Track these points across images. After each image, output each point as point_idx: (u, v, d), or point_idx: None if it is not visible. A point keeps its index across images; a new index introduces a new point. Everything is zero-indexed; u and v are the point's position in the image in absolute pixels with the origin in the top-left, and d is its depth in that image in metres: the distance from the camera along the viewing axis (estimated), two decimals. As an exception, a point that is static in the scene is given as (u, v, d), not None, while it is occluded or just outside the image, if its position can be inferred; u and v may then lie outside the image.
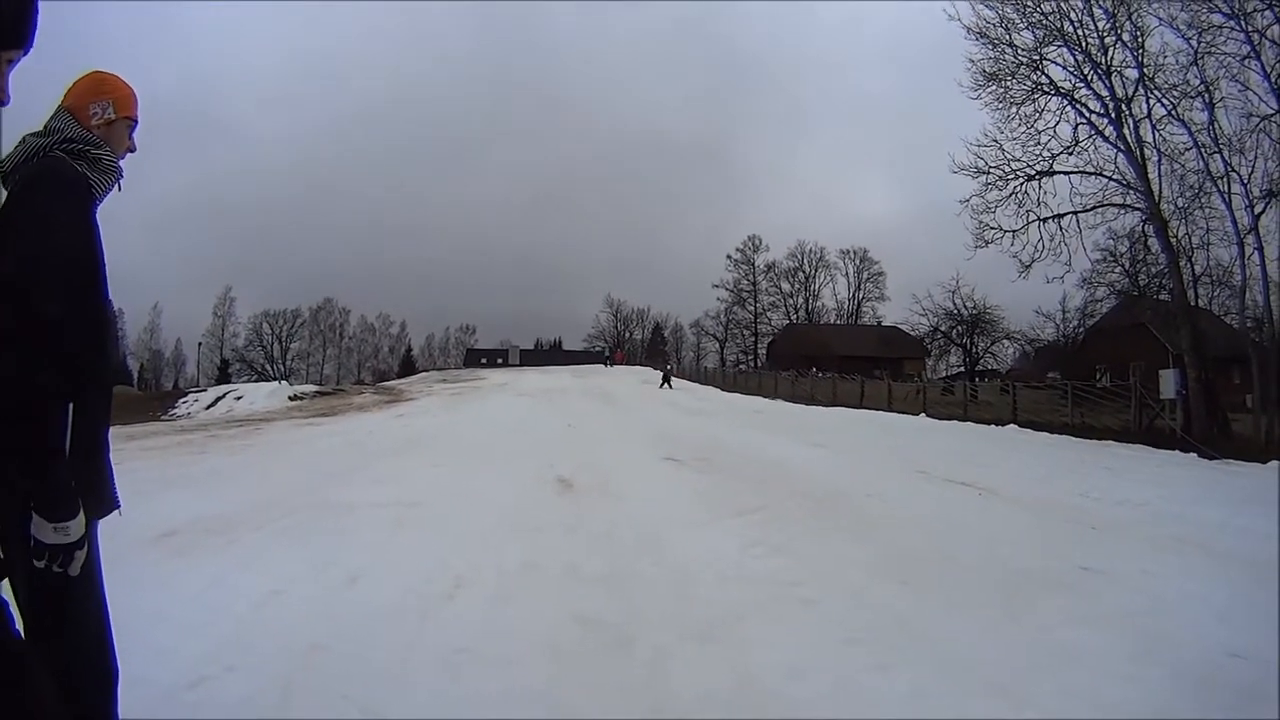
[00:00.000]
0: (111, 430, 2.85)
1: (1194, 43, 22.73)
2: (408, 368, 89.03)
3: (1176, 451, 19.23)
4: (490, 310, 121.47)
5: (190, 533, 8.15)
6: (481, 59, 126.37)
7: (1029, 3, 24.65)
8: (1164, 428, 22.02)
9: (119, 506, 2.83)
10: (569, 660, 4.88)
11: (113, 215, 2.80)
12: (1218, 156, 22.81)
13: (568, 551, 7.48)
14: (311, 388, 41.90)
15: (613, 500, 10.16)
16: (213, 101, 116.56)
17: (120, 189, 2.86)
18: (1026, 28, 24.88)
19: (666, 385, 35.79)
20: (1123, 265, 27.43)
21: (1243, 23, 21.73)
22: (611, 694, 4.44)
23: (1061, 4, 24.27)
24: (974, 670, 4.94)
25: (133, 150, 2.96)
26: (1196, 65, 22.84)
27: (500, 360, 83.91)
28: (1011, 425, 24.81)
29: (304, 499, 9.92)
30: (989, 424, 25.58)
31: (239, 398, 36.37)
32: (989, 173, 25.40)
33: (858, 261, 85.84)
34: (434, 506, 9.45)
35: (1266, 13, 21.40)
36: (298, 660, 4.76)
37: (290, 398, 36.56)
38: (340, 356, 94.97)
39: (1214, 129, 22.86)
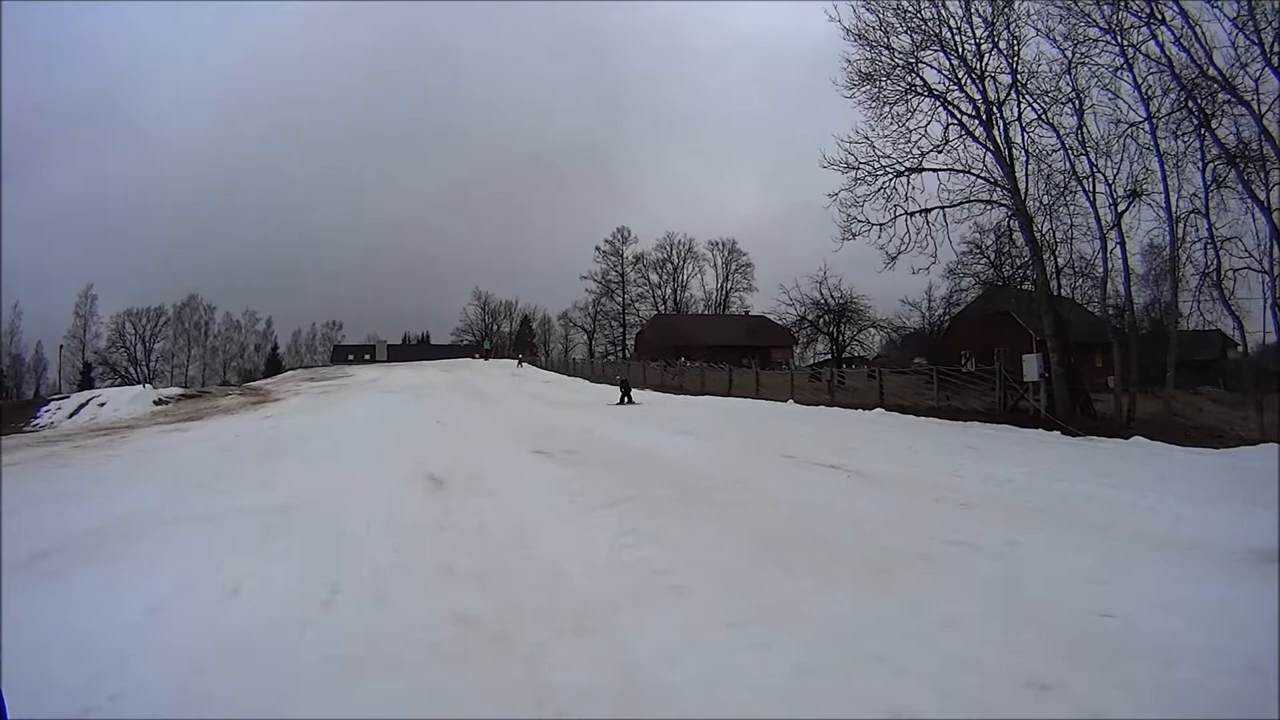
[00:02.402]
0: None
1: (1069, 53, 24.00)
2: (274, 366, 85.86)
3: (1041, 430, 20.30)
4: (358, 304, 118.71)
5: (62, 553, 7.78)
6: (362, 60, 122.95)
7: (910, 8, 25.39)
8: (1028, 409, 23.09)
9: None
10: (451, 660, 4.82)
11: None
12: (1084, 158, 24.25)
13: (441, 550, 7.39)
14: (176, 390, 40.17)
15: (483, 496, 10.04)
16: (107, 102, 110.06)
17: None
18: (905, 31, 25.62)
19: (627, 400, 29.65)
20: (988, 257, 28.78)
21: (1118, 37, 23.05)
22: (495, 691, 4.41)
23: (941, 10, 25.14)
24: (854, 644, 5.06)
25: None
26: (1070, 74, 24.15)
27: (368, 356, 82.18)
28: (879, 409, 25.57)
29: (176, 510, 9.52)
30: (857, 409, 26.28)
31: (102, 404, 34.77)
32: (859, 168, 26.00)
33: (726, 253, 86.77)
34: (307, 511, 9.22)
35: (1143, 29, 22.66)
36: (182, 680, 4.56)
37: (155, 402, 34.89)
38: (205, 356, 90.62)
39: (1082, 133, 24.26)
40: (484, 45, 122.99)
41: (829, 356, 56.82)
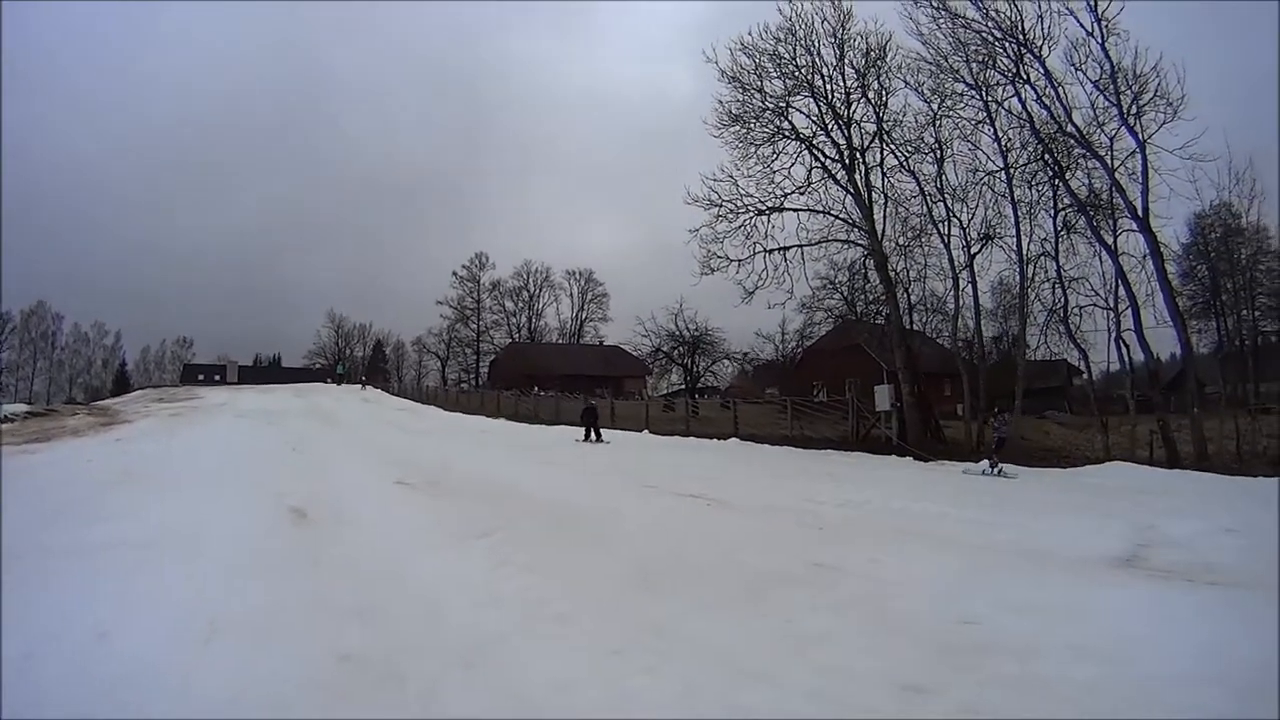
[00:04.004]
0: None
1: (934, 106, 25.98)
2: (122, 384, 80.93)
3: (894, 457, 21.21)
4: (210, 321, 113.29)
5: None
6: (225, 75, 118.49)
7: (786, 54, 26.62)
8: (880, 436, 24.13)
9: None
10: (342, 700, 4.68)
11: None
12: (941, 203, 26.12)
13: (315, 585, 7.06)
14: (23, 407, 36.98)
15: (351, 529, 9.69)
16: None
17: None
18: (779, 77, 26.88)
19: (594, 437, 25.05)
20: (842, 293, 29.63)
21: (982, 93, 25.11)
22: None
23: (816, 59, 26.50)
24: (734, 663, 5.21)
25: None
26: (934, 125, 26.12)
27: (218, 377, 78.24)
28: (734, 439, 26.10)
29: (34, 543, 8.83)
30: (713, 438, 26.69)
31: (-62, 421, 31.77)
32: (721, 205, 26.86)
33: (583, 282, 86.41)
34: (171, 545, 8.55)
35: (1007, 86, 24.73)
36: None
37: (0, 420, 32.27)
38: (51, 370, 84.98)
39: (941, 180, 26.21)
40: (352, 73, 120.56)
41: (682, 387, 57.31)
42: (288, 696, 4.70)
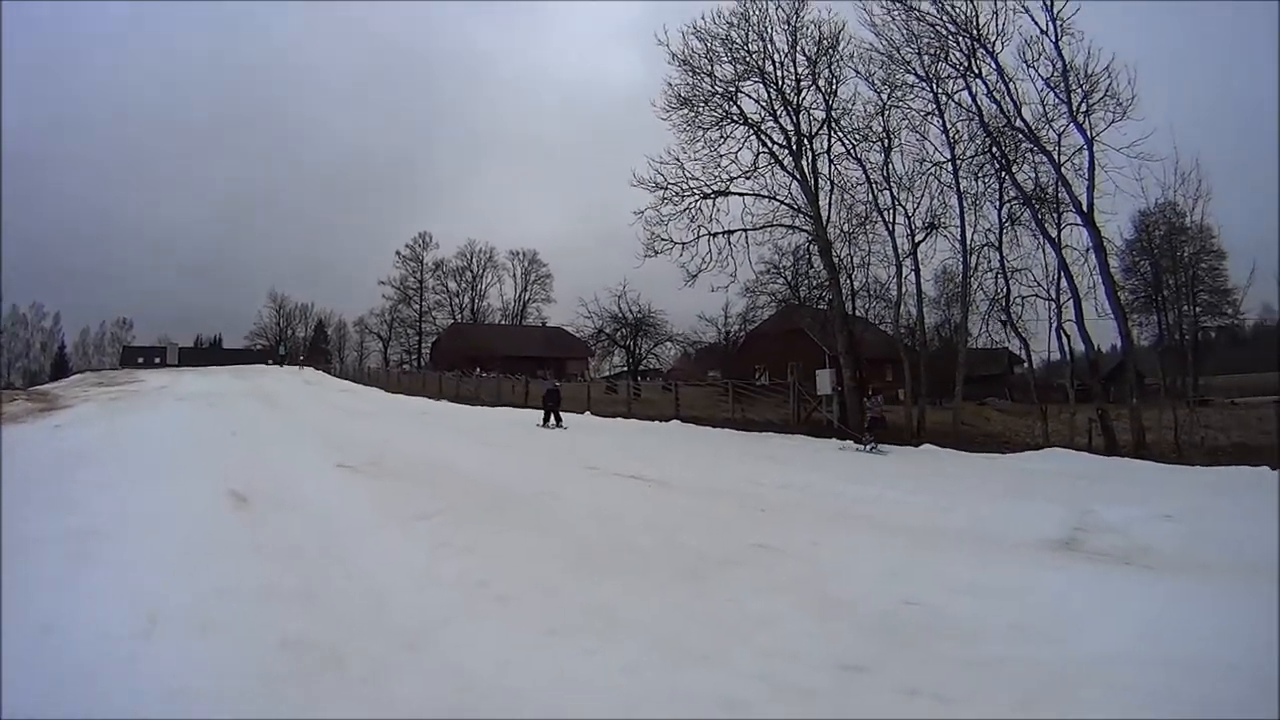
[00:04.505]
0: None
1: (884, 96, 25.91)
2: (60, 368, 78.92)
3: (834, 440, 21.41)
4: (149, 300, 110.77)
5: None
6: (169, 53, 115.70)
7: (738, 39, 26.44)
8: (821, 420, 24.44)
9: None
10: (286, 686, 4.57)
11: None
12: (887, 192, 26.13)
13: (257, 572, 6.87)
14: None
15: (292, 513, 9.47)
16: None
17: None
18: (730, 61, 26.66)
19: (554, 422, 23.49)
20: (785, 278, 29.84)
21: (933, 85, 25.15)
22: (337, 715, 4.25)
23: (768, 45, 26.33)
24: (676, 643, 5.21)
25: None
26: (882, 115, 26.03)
27: (158, 360, 76.44)
28: (675, 421, 26.25)
29: None
30: (654, 420, 26.83)
31: None
32: (667, 188, 26.65)
33: (526, 263, 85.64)
34: (109, 533, 8.22)
35: (958, 80, 24.82)
36: None
37: (-66, 409, 31.14)
38: None
39: (887, 168, 26.18)
40: (297, 57, 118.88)
41: (625, 369, 57.36)
42: (227, 683, 4.59)
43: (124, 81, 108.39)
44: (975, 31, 23.90)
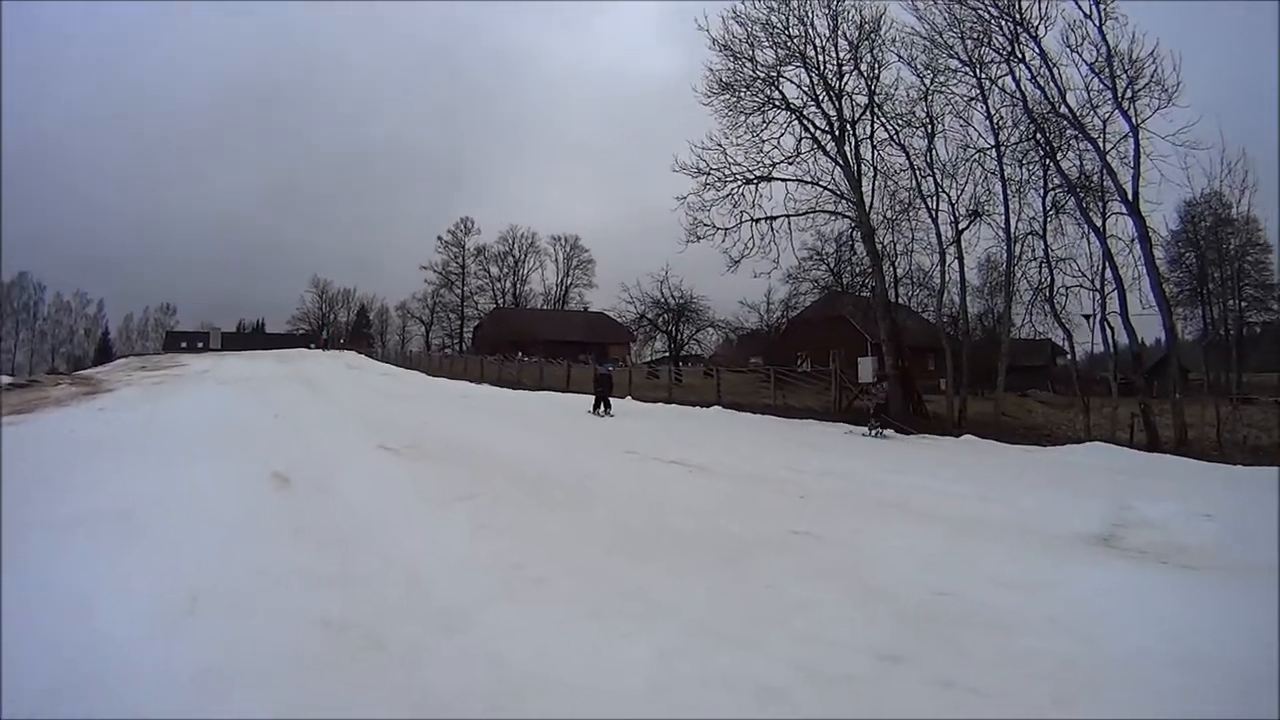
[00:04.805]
0: None
1: (927, 81, 25.74)
2: (104, 353, 79.70)
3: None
4: (193, 286, 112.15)
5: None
6: (215, 49, 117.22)
7: (779, 24, 26.33)
8: (863, 408, 24.07)
9: None
10: (324, 668, 4.66)
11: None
12: (930, 178, 25.98)
13: (297, 554, 7.01)
14: (6, 379, 36.80)
15: (333, 495, 9.64)
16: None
17: None
18: (771, 46, 26.58)
19: (603, 409, 22.71)
20: (828, 264, 29.81)
21: (976, 70, 24.91)
22: (371, 696, 4.33)
23: (809, 30, 26.22)
24: (712, 628, 5.28)
25: None
26: (925, 100, 25.85)
27: (201, 344, 77.48)
28: (716, 407, 26.23)
29: (15, 517, 8.63)
30: (695, 406, 26.88)
31: (-83, 394, 31.33)
32: (709, 174, 26.73)
33: (568, 248, 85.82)
34: (152, 514, 8.38)
35: (1001, 65, 24.60)
36: (43, 707, 4.21)
37: (-18, 392, 31.79)
38: (34, 341, 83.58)
39: (931, 155, 26.01)
40: (344, 56, 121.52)
41: (666, 354, 57.39)
42: (265, 662, 4.69)
43: (173, 78, 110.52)
44: (1018, 15, 23.66)
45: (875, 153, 26.35)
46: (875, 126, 26.26)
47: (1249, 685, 4.44)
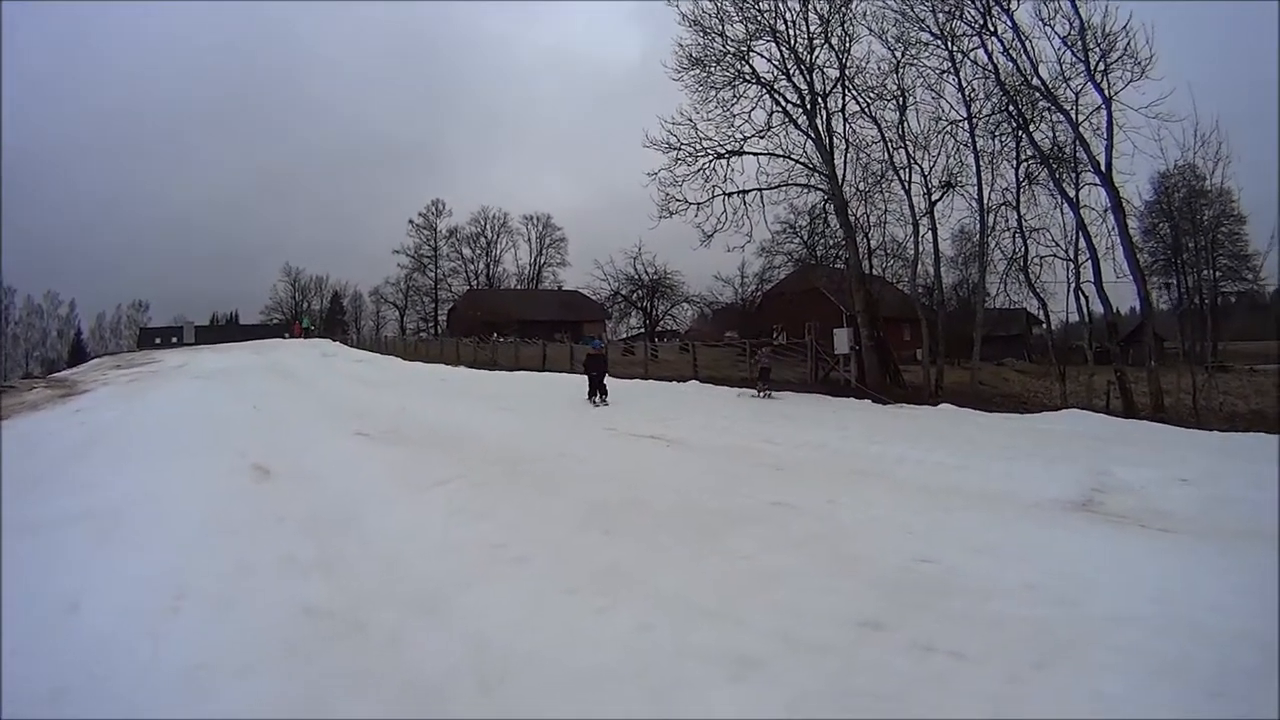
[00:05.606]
0: None
1: (898, 54, 25.57)
2: (78, 354, 78.99)
3: (852, 399, 21.38)
4: (164, 282, 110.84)
5: None
6: (184, 41, 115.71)
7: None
8: (839, 379, 24.33)
9: None
10: (308, 655, 4.68)
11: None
12: (903, 150, 25.93)
13: (279, 543, 7.00)
14: None
15: (311, 483, 9.60)
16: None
17: None
18: (741, 20, 26.37)
19: (599, 397, 20.41)
20: (801, 237, 29.69)
21: (948, 43, 24.80)
22: (357, 680, 4.34)
23: (779, 4, 26.05)
24: (690, 601, 5.28)
25: None
26: (897, 73, 25.72)
27: (175, 339, 76.39)
28: (693, 381, 26.24)
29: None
30: (672, 380, 26.84)
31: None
32: (680, 149, 26.60)
33: (540, 227, 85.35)
34: (134, 512, 8.36)
35: (973, 38, 24.48)
36: (40, 709, 4.22)
37: (-46, 402, 31.28)
38: (7, 346, 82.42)
39: (903, 127, 25.92)
40: (316, 43, 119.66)
41: (641, 330, 57.44)
42: (250, 655, 4.69)
43: (135, 71, 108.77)
44: (991, -12, 23.55)
45: (847, 125, 26.26)
46: (846, 99, 26.16)
47: (1229, 643, 4.45)
